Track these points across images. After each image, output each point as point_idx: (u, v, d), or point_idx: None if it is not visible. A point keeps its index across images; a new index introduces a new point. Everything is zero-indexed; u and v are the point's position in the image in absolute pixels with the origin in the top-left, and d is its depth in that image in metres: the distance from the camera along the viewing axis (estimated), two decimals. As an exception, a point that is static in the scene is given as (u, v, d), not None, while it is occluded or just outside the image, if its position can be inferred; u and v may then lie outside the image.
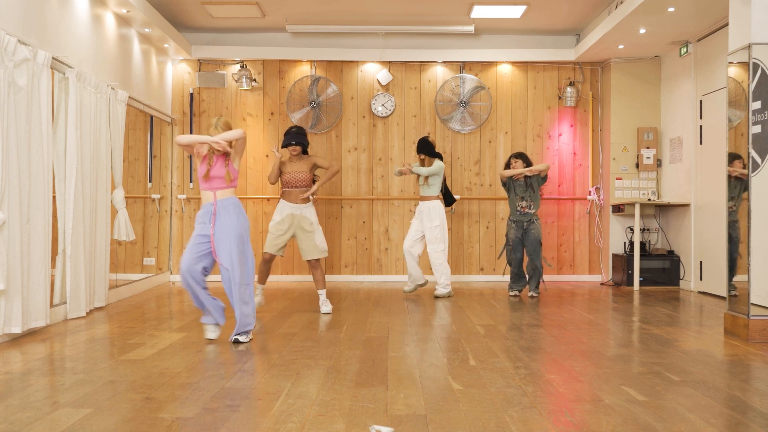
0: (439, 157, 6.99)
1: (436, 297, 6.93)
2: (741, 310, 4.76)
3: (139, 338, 4.63)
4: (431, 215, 6.90)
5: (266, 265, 5.93)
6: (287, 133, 6.00)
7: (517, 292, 7.13)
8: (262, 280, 5.99)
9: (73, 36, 5.73)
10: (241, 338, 4.46)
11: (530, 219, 6.99)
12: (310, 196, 5.93)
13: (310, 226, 5.86)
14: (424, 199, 6.97)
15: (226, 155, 4.44)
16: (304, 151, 6.03)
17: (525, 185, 6.99)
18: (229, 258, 4.35)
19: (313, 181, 6.02)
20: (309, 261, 5.89)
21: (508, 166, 7.10)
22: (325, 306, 5.87)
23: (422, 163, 6.97)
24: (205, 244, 4.38)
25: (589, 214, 8.70)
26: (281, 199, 5.99)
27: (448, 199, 7.12)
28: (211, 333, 4.56)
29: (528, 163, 7.03)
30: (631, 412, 2.92)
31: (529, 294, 7.07)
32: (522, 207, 6.99)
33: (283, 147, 6.03)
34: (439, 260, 6.93)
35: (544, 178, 7.05)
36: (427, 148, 6.95)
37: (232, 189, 4.48)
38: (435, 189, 6.95)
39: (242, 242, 4.39)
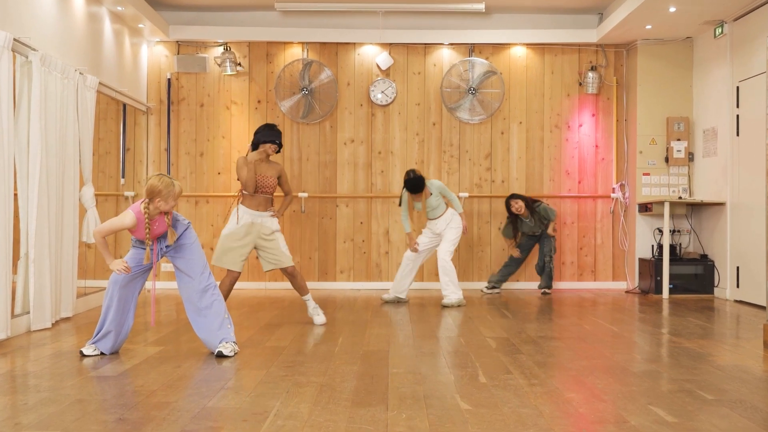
0: (423, 180, 7.05)
1: (445, 306, 6.95)
2: (782, 321, 4.76)
3: (111, 352, 4.63)
4: (452, 224, 7.14)
5: (230, 287, 5.68)
6: (269, 129, 5.74)
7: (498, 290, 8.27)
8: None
9: (36, 15, 5.72)
10: (225, 351, 4.47)
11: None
12: (272, 212, 5.77)
13: (270, 234, 5.72)
14: (436, 218, 7.17)
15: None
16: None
17: (535, 223, 8.02)
18: None
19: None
20: (284, 270, 5.75)
21: (508, 206, 8.01)
22: (318, 315, 5.86)
23: (415, 199, 7.18)
24: None
25: (613, 214, 8.70)
26: (240, 205, 5.70)
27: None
28: None
29: (527, 202, 7.95)
30: (660, 434, 2.92)
31: (544, 291, 8.15)
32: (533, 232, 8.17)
33: (262, 143, 5.72)
34: (448, 263, 7.06)
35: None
36: (417, 185, 7.01)
37: None
38: (442, 205, 7.17)
39: None
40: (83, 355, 4.48)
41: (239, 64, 8.51)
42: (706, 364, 4.35)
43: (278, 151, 5.85)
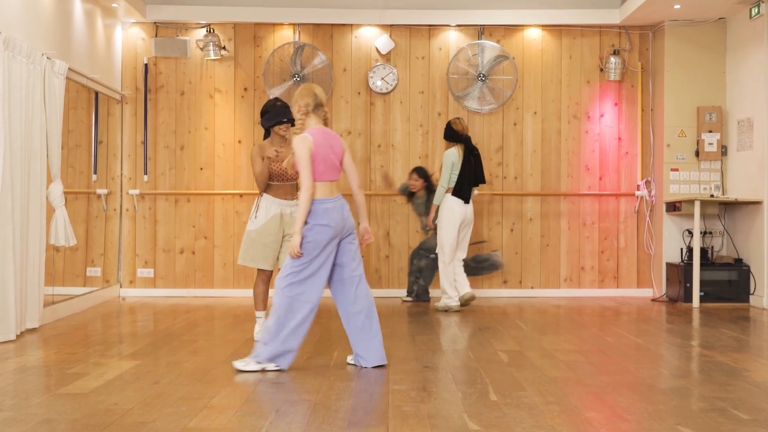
0: (455, 139, 7.31)
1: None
2: (825, 333, 4.76)
3: (82, 367, 4.62)
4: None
5: (264, 287, 5.64)
6: (274, 108, 5.63)
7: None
8: (260, 305, 5.66)
9: (-1, -7, 5.73)
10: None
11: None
12: None
13: (292, 228, 5.74)
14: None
15: None
16: None
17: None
18: None
19: None
20: None
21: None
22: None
23: None
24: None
25: (638, 214, 8.70)
26: (265, 194, 5.61)
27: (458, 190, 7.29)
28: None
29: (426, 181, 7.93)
30: (690, 458, 2.92)
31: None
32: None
33: (270, 126, 5.64)
34: (440, 263, 7.35)
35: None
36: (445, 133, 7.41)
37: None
38: (443, 181, 7.32)
39: None
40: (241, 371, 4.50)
41: (224, 48, 8.51)
42: (741, 380, 4.34)
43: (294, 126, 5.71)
